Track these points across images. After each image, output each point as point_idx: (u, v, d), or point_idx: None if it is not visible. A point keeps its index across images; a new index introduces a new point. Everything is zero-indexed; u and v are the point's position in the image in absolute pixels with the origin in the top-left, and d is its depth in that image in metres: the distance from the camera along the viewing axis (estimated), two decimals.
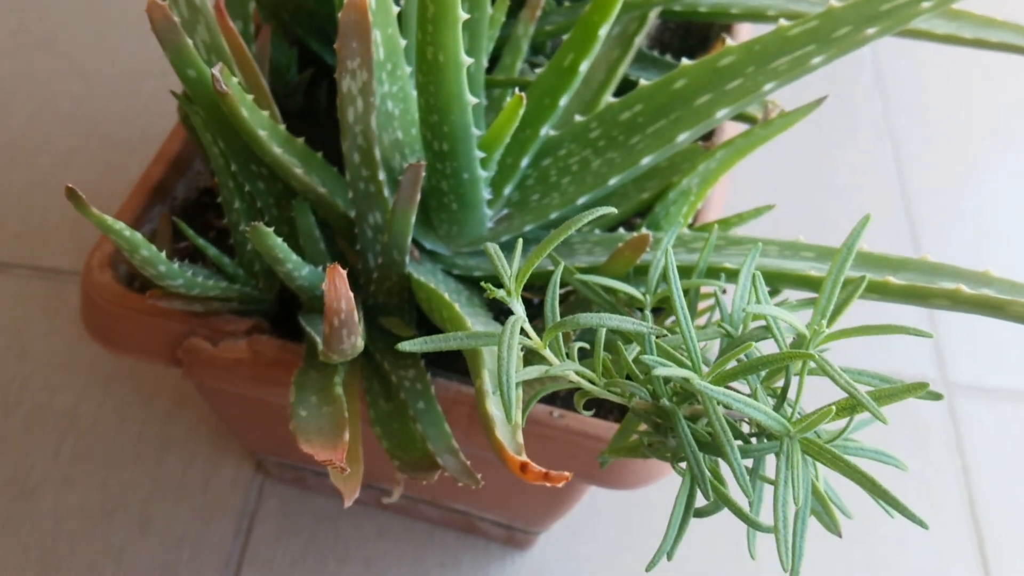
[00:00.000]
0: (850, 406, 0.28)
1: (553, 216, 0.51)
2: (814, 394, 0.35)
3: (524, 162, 0.50)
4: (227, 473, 0.72)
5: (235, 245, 0.47)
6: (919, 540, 0.73)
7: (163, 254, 0.38)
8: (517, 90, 0.39)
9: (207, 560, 0.68)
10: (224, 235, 0.53)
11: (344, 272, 0.30)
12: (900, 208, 0.95)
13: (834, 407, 0.28)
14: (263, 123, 0.38)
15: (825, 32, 0.43)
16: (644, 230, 0.48)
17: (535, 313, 0.49)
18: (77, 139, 0.92)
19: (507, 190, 0.51)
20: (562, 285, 0.48)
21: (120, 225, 0.35)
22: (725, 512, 0.32)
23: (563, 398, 0.49)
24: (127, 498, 0.71)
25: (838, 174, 0.97)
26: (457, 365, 0.48)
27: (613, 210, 0.34)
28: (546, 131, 0.49)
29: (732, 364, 0.31)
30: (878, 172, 0.98)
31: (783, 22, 0.45)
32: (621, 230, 0.51)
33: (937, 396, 0.31)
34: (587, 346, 0.35)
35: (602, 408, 0.49)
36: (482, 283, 0.32)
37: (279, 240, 0.37)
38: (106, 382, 0.76)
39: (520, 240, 0.32)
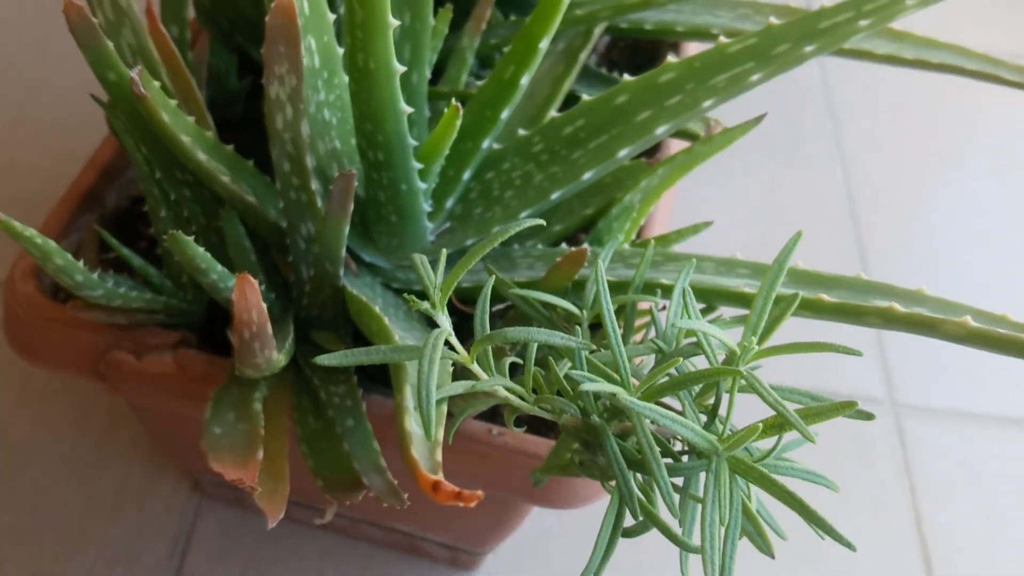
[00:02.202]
0: (778, 424, 0.28)
1: (495, 230, 0.50)
2: (752, 413, 0.34)
3: (466, 175, 0.49)
4: (163, 493, 0.70)
5: (162, 255, 0.45)
6: (867, 558, 0.73)
7: (81, 263, 0.37)
8: (455, 100, 0.39)
9: None
10: (156, 245, 0.51)
11: (255, 282, 0.29)
12: (849, 230, 0.96)
13: (761, 424, 0.27)
14: (187, 128, 0.37)
15: (764, 49, 0.43)
16: (586, 245, 0.47)
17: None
18: (18, 147, 0.90)
19: (449, 203, 0.50)
20: (502, 300, 0.47)
21: (31, 232, 0.33)
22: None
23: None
24: (59, 518, 0.68)
25: (788, 197, 0.98)
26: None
27: (542, 222, 0.33)
28: (488, 144, 0.48)
29: (663, 380, 0.30)
30: (827, 195, 0.99)
31: (724, 39, 0.45)
32: (564, 245, 0.51)
33: (868, 416, 0.30)
34: (521, 361, 0.35)
35: (543, 426, 0.48)
36: (405, 295, 0.31)
37: (201, 250, 0.35)
38: (40, 398, 0.74)
39: (444, 251, 0.31)
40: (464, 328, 0.49)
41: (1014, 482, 0.79)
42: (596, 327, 0.46)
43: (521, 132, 0.50)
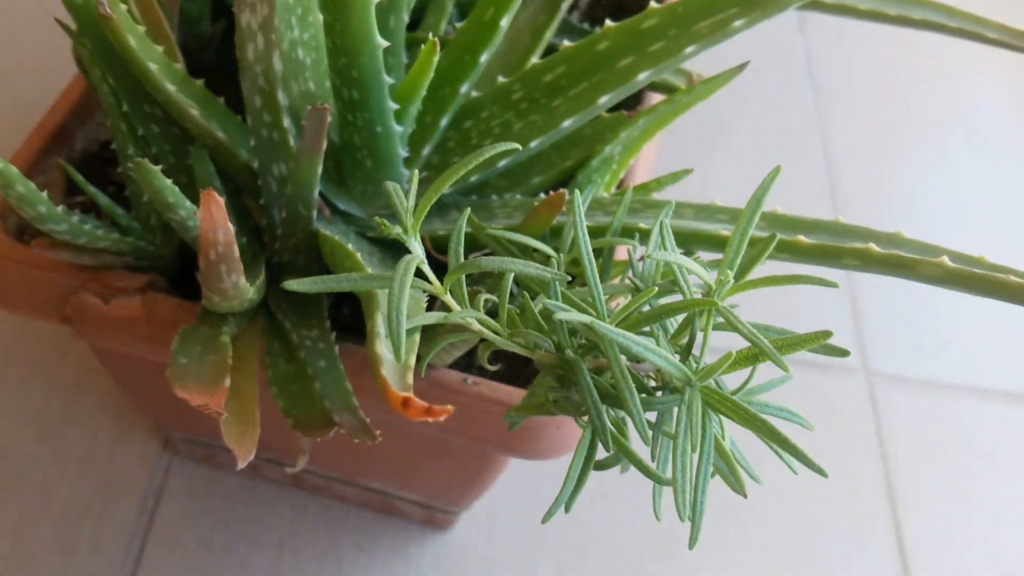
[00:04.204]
0: (752, 355, 0.28)
1: (474, 180, 0.50)
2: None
3: (444, 121, 0.48)
4: (133, 449, 0.69)
5: (130, 196, 0.44)
6: (836, 525, 0.73)
7: (44, 194, 0.36)
8: (431, 36, 0.38)
9: (109, 538, 0.65)
10: (124, 190, 0.50)
11: (221, 200, 0.28)
12: (827, 200, 0.96)
13: (734, 354, 0.27)
14: (154, 56, 0.36)
15: None
16: (563, 190, 0.46)
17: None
18: None
19: (426, 151, 0.49)
20: (477, 248, 0.47)
21: None
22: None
23: (479, 368, 0.48)
24: (26, 473, 0.67)
25: (767, 163, 0.97)
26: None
27: (518, 146, 0.33)
28: (466, 89, 0.47)
29: (638, 313, 0.30)
30: (807, 165, 0.99)
31: None
32: (543, 196, 0.50)
33: (843, 352, 0.30)
34: (496, 299, 0.34)
35: (519, 377, 0.47)
36: (376, 219, 0.30)
37: (168, 182, 0.34)
38: (7, 351, 0.72)
39: (416, 173, 0.30)
40: (442, 277, 0.49)
41: (985, 452, 0.80)
42: (572, 279, 0.46)
43: (501, 80, 0.49)
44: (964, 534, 0.74)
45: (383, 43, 0.38)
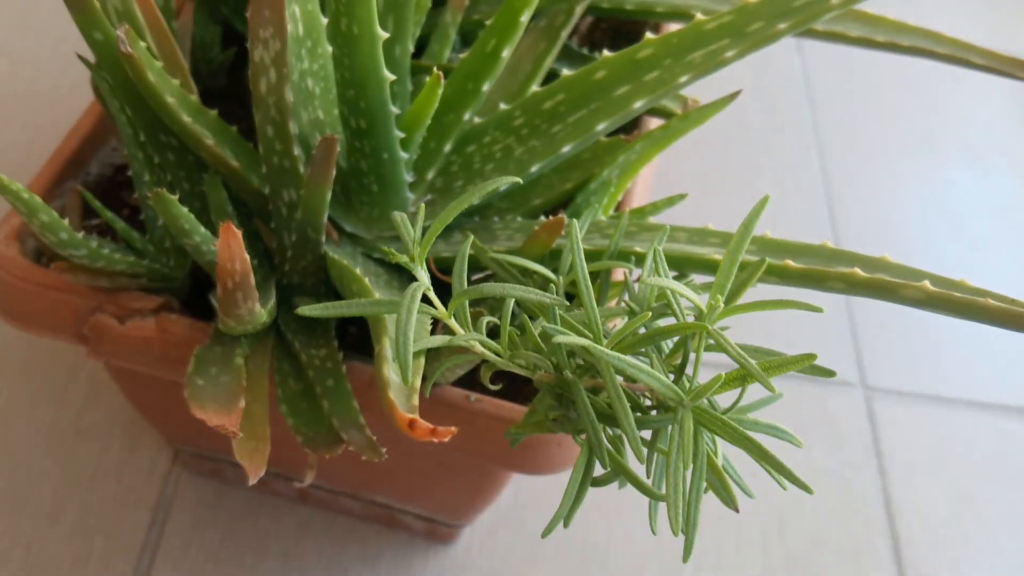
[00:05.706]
0: (741, 376, 0.29)
1: (476, 202, 0.51)
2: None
3: (447, 147, 0.50)
4: (142, 464, 0.71)
5: (145, 221, 0.46)
6: (835, 538, 0.74)
7: (66, 221, 0.37)
8: (436, 68, 0.39)
9: (119, 552, 0.66)
10: (138, 213, 0.51)
11: (239, 232, 0.30)
12: (824, 216, 0.97)
13: (723, 375, 0.29)
14: (172, 90, 0.37)
15: (739, 27, 0.44)
16: (563, 215, 0.48)
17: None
18: None
19: (430, 175, 0.51)
20: (480, 270, 0.48)
21: (17, 186, 0.34)
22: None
23: (482, 385, 0.49)
24: (38, 488, 0.68)
25: (765, 182, 0.99)
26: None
27: (519, 180, 0.34)
28: (470, 116, 0.49)
29: (633, 336, 0.31)
30: (804, 181, 1.00)
31: (701, 16, 0.46)
32: (543, 218, 0.52)
33: (829, 373, 0.32)
34: (498, 322, 0.35)
35: (520, 394, 0.49)
36: (384, 248, 0.32)
37: (184, 209, 0.36)
38: (20, 368, 0.74)
39: (423, 206, 0.32)
40: (446, 298, 0.50)
41: (981, 465, 0.81)
42: (571, 299, 0.47)
43: (502, 106, 0.51)
44: (962, 547, 0.75)
45: (390, 76, 0.40)
